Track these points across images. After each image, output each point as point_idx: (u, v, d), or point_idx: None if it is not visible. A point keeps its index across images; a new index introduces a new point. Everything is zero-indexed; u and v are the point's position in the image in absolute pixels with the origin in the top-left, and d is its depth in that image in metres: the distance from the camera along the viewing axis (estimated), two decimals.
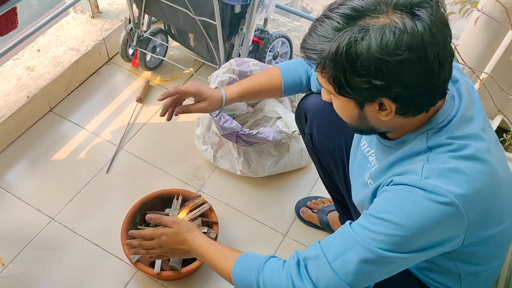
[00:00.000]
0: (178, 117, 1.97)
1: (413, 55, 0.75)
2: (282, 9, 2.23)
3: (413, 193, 0.81)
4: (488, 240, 0.91)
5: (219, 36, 1.73)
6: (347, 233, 0.86)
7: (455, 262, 0.96)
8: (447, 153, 0.84)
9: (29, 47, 2.04)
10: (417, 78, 0.78)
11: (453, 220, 0.82)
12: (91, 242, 1.61)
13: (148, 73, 2.13)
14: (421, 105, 0.83)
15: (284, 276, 0.91)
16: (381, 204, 0.85)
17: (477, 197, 0.83)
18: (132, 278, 1.54)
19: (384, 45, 0.75)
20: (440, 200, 0.80)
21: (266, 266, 0.95)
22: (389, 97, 0.80)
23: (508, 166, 0.95)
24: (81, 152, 1.85)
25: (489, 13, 1.52)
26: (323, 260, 0.87)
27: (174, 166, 1.82)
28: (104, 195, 1.73)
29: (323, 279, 0.86)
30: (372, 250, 0.83)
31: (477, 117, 0.90)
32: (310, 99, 1.32)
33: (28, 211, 1.67)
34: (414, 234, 0.81)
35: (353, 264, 0.84)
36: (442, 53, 0.78)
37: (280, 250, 1.63)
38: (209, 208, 1.57)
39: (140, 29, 1.98)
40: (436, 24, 0.76)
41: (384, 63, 0.76)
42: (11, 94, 1.86)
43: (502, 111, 1.64)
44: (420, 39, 0.75)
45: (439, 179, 0.81)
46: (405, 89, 0.78)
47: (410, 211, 0.81)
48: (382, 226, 0.83)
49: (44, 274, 1.53)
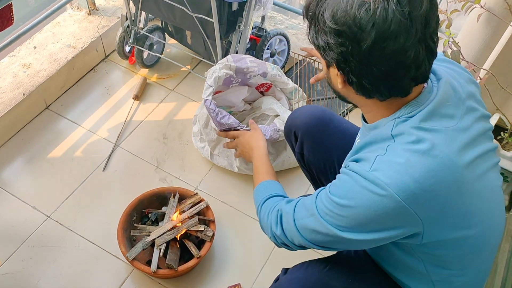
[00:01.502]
0: (175, 114, 1.98)
1: (350, 31, 0.80)
2: (279, 6, 2.23)
3: (358, 182, 0.86)
4: (455, 243, 0.91)
5: (216, 33, 1.72)
6: (312, 202, 0.94)
7: (424, 264, 0.96)
8: (404, 145, 0.85)
9: (25, 44, 2.03)
10: (353, 56, 0.82)
11: (396, 214, 0.84)
12: (88, 240, 1.60)
13: (145, 71, 2.12)
14: (365, 88, 0.86)
15: (270, 217, 1.07)
16: (335, 186, 0.91)
17: (426, 195, 0.83)
18: (128, 276, 1.53)
19: (332, 14, 0.81)
20: (379, 193, 0.83)
21: (267, 201, 1.13)
22: (334, 62, 0.86)
23: (490, 176, 0.94)
24: (78, 150, 1.84)
25: (491, 10, 1.52)
26: (291, 217, 0.99)
27: (171, 164, 1.82)
28: (100, 193, 1.73)
29: (289, 231, 1.00)
30: (323, 224, 0.91)
31: (458, 119, 0.89)
32: (299, 118, 1.33)
33: (24, 209, 1.66)
34: (357, 219, 0.86)
35: (309, 230, 0.94)
36: (388, 46, 0.79)
37: (277, 248, 1.62)
38: (206, 206, 1.56)
39: (137, 26, 1.97)
40: (387, 16, 0.78)
41: (327, 27, 0.82)
42: (7, 92, 1.85)
43: (500, 109, 1.64)
44: (360, 23, 0.79)
45: (385, 172, 0.83)
46: (343, 61, 0.84)
47: (353, 198, 0.86)
48: (332, 205, 0.89)
49: (40, 272, 1.52)
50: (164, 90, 2.06)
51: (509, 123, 1.65)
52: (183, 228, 1.49)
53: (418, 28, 0.79)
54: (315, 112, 1.32)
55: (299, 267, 1.12)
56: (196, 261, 1.46)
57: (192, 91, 2.06)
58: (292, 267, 1.13)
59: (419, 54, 0.81)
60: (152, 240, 1.47)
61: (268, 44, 1.98)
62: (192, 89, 2.07)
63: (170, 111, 1.99)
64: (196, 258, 1.46)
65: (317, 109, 1.33)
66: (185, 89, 2.07)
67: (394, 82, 0.84)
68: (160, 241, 1.47)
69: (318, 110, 1.32)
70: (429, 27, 0.81)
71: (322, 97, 2.05)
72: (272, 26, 2.25)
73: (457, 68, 1.00)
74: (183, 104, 2.02)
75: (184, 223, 1.50)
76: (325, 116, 1.30)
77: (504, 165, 1.59)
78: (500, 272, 1.46)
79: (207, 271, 1.56)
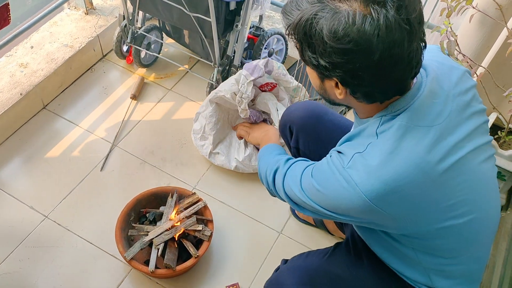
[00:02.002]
0: (173, 114, 1.98)
1: (357, 48, 0.78)
2: (277, 6, 2.23)
3: (334, 175, 0.91)
4: (441, 233, 0.93)
5: (214, 33, 1.72)
6: (299, 174, 1.01)
7: (416, 252, 0.98)
8: (382, 144, 0.87)
9: (22, 43, 2.03)
10: (362, 70, 0.81)
11: (363, 210, 0.88)
12: (85, 240, 1.60)
13: (142, 70, 2.12)
14: (372, 95, 0.87)
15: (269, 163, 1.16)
16: (317, 170, 0.97)
17: (395, 195, 0.86)
18: (126, 276, 1.53)
19: (334, 32, 0.79)
20: (349, 190, 0.87)
21: (272, 153, 1.22)
22: (337, 79, 0.86)
23: (484, 168, 0.96)
24: (75, 150, 1.84)
25: (484, 10, 1.52)
26: (282, 175, 1.07)
27: (169, 163, 1.82)
28: (98, 193, 1.72)
29: (278, 185, 1.09)
30: (302, 194, 0.98)
31: (446, 116, 0.90)
32: (294, 112, 1.34)
33: (22, 209, 1.66)
34: (330, 203, 0.93)
35: (293, 193, 1.02)
36: (395, 52, 0.80)
37: (275, 247, 1.63)
38: (204, 205, 1.56)
39: (134, 26, 1.97)
40: (391, 25, 0.78)
41: (330, 47, 0.80)
42: (4, 91, 1.85)
43: (497, 108, 1.64)
44: (365, 37, 0.78)
45: (357, 172, 0.87)
46: (350, 76, 0.83)
47: (327, 188, 0.92)
48: (312, 186, 0.96)
49: (37, 272, 1.52)
50: (162, 90, 2.06)
51: (506, 122, 1.65)
52: (181, 228, 1.49)
53: (416, 29, 0.81)
54: (309, 106, 1.34)
55: (299, 256, 1.14)
56: (194, 260, 1.46)
57: (190, 90, 2.06)
58: (292, 257, 1.15)
59: (417, 52, 0.83)
60: (150, 240, 1.47)
61: (265, 44, 1.98)
62: (190, 88, 2.07)
63: (168, 111, 1.99)
64: (194, 257, 1.46)
65: (311, 103, 1.36)
66: (182, 88, 2.07)
67: (401, 84, 0.86)
68: (158, 240, 1.47)
69: (312, 104, 1.35)
70: (422, 24, 0.83)
71: (320, 97, 2.04)
72: (270, 26, 2.25)
73: (451, 63, 1.00)
74: (181, 103, 2.02)
75: (182, 223, 1.50)
76: (319, 109, 1.33)
77: (501, 164, 1.60)
78: (497, 271, 1.47)
79: (205, 271, 1.56)
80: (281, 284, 1.08)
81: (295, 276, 1.06)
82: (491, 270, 1.50)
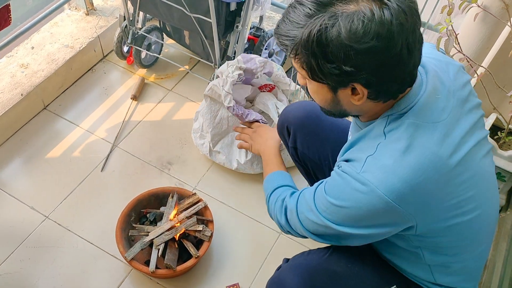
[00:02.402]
0: (173, 115, 1.98)
1: (381, 42, 0.78)
2: (277, 6, 2.23)
3: (349, 183, 0.89)
4: (449, 231, 0.93)
5: (214, 33, 1.72)
6: (311, 197, 0.98)
7: (422, 250, 0.98)
8: (393, 143, 0.87)
9: (23, 44, 2.03)
10: (386, 65, 0.80)
11: (387, 213, 0.87)
12: (86, 240, 1.60)
13: (143, 71, 2.12)
14: (391, 90, 0.86)
15: (276, 207, 1.14)
16: (329, 185, 0.95)
17: (414, 193, 0.86)
18: (127, 276, 1.53)
19: (353, 33, 0.77)
20: (369, 194, 0.86)
21: (275, 191, 1.18)
22: (360, 82, 0.83)
23: (484, 163, 0.97)
24: (76, 150, 1.84)
25: (488, 9, 1.52)
26: (294, 210, 1.04)
27: (169, 164, 1.82)
28: (99, 193, 1.73)
29: (293, 222, 1.06)
30: (321, 219, 0.95)
31: (449, 112, 0.91)
32: (291, 112, 1.34)
33: (22, 209, 1.66)
34: (351, 216, 0.91)
35: (311, 222, 0.99)
36: (410, 40, 0.80)
37: (275, 248, 1.63)
38: (204, 206, 1.57)
39: (135, 27, 1.97)
40: (403, 11, 0.78)
41: (353, 50, 0.78)
42: (5, 92, 1.85)
43: (497, 108, 1.64)
44: (387, 27, 0.77)
45: (374, 174, 0.86)
46: (375, 75, 0.81)
47: (346, 199, 0.90)
48: (328, 204, 0.93)
49: (38, 272, 1.52)
50: (162, 90, 2.06)
51: (506, 122, 1.65)
52: (181, 228, 1.49)
53: (418, 15, 0.82)
54: (306, 106, 1.34)
55: (300, 255, 1.15)
56: (195, 261, 1.46)
57: (190, 91, 2.06)
58: (293, 256, 1.16)
59: (421, 37, 0.84)
60: (150, 240, 1.47)
61: (266, 44, 1.98)
62: (190, 89, 2.07)
63: (168, 111, 1.99)
64: (195, 258, 1.46)
65: (308, 103, 1.36)
66: (183, 89, 2.07)
67: (414, 73, 0.86)
68: (158, 241, 1.47)
69: (309, 104, 1.35)
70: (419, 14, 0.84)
71: None
72: (270, 26, 2.25)
73: (446, 60, 1.01)
74: (181, 104, 2.02)
75: (182, 223, 1.51)
76: (316, 109, 1.32)
77: (501, 165, 1.60)
78: (497, 271, 1.47)
79: (205, 271, 1.56)
80: (283, 282, 1.08)
81: (296, 274, 1.07)
82: (491, 270, 1.50)
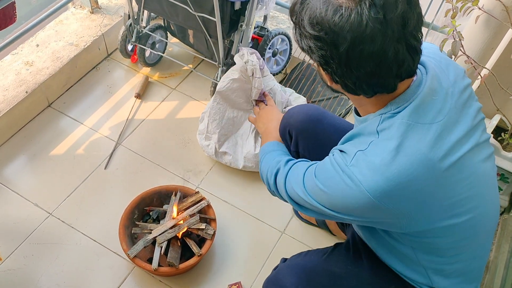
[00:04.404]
0: (177, 113, 1.99)
1: (327, 36, 0.82)
2: (282, 6, 2.23)
3: (338, 173, 0.91)
4: (443, 232, 0.93)
5: (218, 32, 1.73)
6: (301, 174, 1.02)
7: (415, 252, 0.99)
8: (384, 142, 0.88)
9: (28, 42, 2.04)
10: (333, 59, 0.84)
11: (368, 208, 0.88)
12: (89, 237, 1.61)
13: (147, 69, 2.12)
14: (350, 88, 0.89)
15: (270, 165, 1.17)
16: (320, 169, 0.98)
17: (399, 192, 0.86)
18: (129, 274, 1.54)
19: (311, 18, 0.84)
20: (353, 187, 0.88)
21: (270, 153, 1.23)
22: (319, 65, 0.89)
23: (485, 166, 0.96)
24: (80, 148, 1.85)
25: (490, 12, 1.52)
26: (284, 177, 1.09)
27: (173, 162, 1.82)
28: (102, 190, 1.73)
29: (280, 186, 1.11)
30: (306, 196, 0.99)
31: (446, 113, 0.90)
32: (293, 117, 1.35)
33: (26, 206, 1.67)
34: (334, 203, 0.94)
35: (295, 194, 1.03)
36: (365, 49, 0.81)
37: (278, 247, 1.63)
38: (207, 204, 1.57)
39: (139, 25, 1.98)
40: (361, 21, 0.79)
41: (306, 32, 0.85)
42: (10, 89, 1.86)
43: (501, 110, 1.64)
44: (334, 29, 0.81)
45: (361, 170, 0.88)
46: (325, 63, 0.87)
47: (331, 187, 0.93)
48: (315, 186, 0.96)
49: (41, 269, 1.53)
50: (166, 89, 2.07)
51: (510, 124, 1.65)
52: (184, 226, 1.50)
53: (395, 29, 0.81)
54: (308, 110, 1.34)
55: (298, 255, 1.15)
56: (197, 259, 1.47)
57: (194, 90, 2.07)
58: (291, 256, 1.16)
59: (398, 53, 0.83)
60: (153, 238, 1.48)
61: (270, 44, 1.98)
62: (194, 88, 2.07)
63: (172, 110, 1.99)
64: (197, 256, 1.46)
65: (310, 107, 1.36)
66: (187, 88, 2.08)
67: (377, 81, 0.86)
68: (161, 239, 1.47)
69: (310, 108, 1.35)
70: (408, 26, 0.82)
71: (322, 98, 2.05)
72: (274, 26, 2.25)
73: (448, 61, 1.00)
74: (185, 103, 2.02)
75: (185, 221, 1.51)
76: (318, 113, 1.33)
77: (504, 166, 1.60)
78: (499, 273, 1.47)
79: (208, 269, 1.56)
80: (280, 281, 1.09)
81: (293, 274, 1.07)
82: (493, 272, 1.50)
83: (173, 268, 1.44)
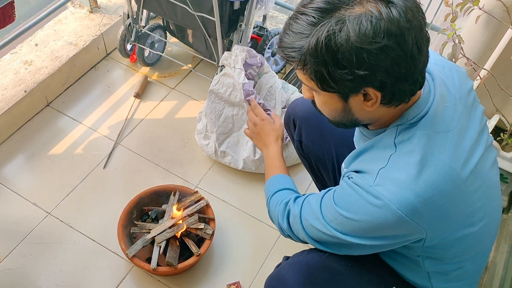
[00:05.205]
0: (176, 113, 1.99)
1: (392, 40, 0.76)
2: (281, 6, 2.23)
3: (362, 196, 0.87)
4: (457, 242, 0.92)
5: (217, 32, 1.73)
6: (317, 206, 0.96)
7: (422, 258, 0.97)
8: (405, 156, 0.85)
9: (27, 41, 2.04)
10: (399, 64, 0.78)
11: (398, 226, 0.85)
12: (88, 237, 1.61)
13: (146, 69, 2.12)
14: (404, 92, 0.83)
15: (278, 210, 1.10)
16: (339, 196, 0.92)
17: (428, 207, 0.84)
18: (128, 273, 1.54)
19: (363, 34, 0.75)
20: (382, 207, 0.84)
21: (277, 193, 1.15)
22: (374, 86, 0.80)
23: (492, 172, 0.96)
24: (78, 147, 1.84)
25: (490, 12, 1.52)
26: (298, 215, 1.02)
27: (172, 162, 1.82)
28: (101, 190, 1.73)
29: (295, 227, 1.04)
30: (327, 228, 0.94)
31: (457, 120, 0.89)
32: (298, 106, 1.34)
33: (25, 205, 1.67)
34: (362, 228, 0.89)
35: (315, 230, 0.97)
36: (419, 37, 0.79)
37: (276, 247, 1.63)
38: (206, 204, 1.57)
39: (138, 25, 1.98)
40: (410, 9, 0.77)
41: (365, 52, 0.76)
42: (9, 88, 1.86)
43: (500, 110, 1.64)
44: (397, 24, 0.76)
45: (387, 188, 0.84)
46: (388, 75, 0.79)
47: (357, 212, 0.88)
48: (337, 215, 0.91)
49: (40, 268, 1.53)
50: (165, 89, 2.07)
51: (509, 124, 1.65)
52: (183, 226, 1.50)
53: (423, 13, 0.81)
54: None
55: (300, 253, 1.15)
56: (196, 259, 1.47)
57: (193, 89, 2.07)
58: (293, 254, 1.16)
59: (427, 35, 0.83)
60: (152, 238, 1.48)
61: (269, 44, 1.98)
62: (193, 87, 2.07)
63: (171, 110, 1.99)
64: (196, 256, 1.46)
65: None
66: (186, 87, 2.08)
67: (423, 74, 0.84)
68: (160, 238, 1.47)
69: None
70: (423, 29, 0.82)
71: None
72: (273, 26, 2.25)
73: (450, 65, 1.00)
74: (184, 102, 2.02)
75: (184, 221, 1.51)
76: None
77: (503, 166, 1.60)
78: (498, 273, 1.47)
79: (206, 269, 1.56)
80: (282, 278, 1.08)
81: (295, 271, 1.07)
82: (492, 272, 1.50)
83: (172, 267, 1.44)
